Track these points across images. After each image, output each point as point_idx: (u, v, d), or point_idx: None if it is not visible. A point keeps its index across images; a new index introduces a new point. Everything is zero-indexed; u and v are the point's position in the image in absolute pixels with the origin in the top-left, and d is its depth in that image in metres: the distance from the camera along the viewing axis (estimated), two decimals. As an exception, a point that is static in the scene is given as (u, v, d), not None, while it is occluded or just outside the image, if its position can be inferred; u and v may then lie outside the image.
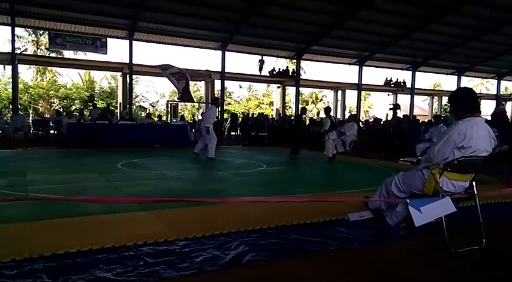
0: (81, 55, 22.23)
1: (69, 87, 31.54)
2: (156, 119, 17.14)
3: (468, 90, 3.25)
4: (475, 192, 3.14)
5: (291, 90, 24.98)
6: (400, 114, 19.53)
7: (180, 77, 18.14)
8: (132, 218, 3.62)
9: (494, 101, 26.02)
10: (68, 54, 21.53)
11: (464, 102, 3.07)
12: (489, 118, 12.90)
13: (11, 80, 18.43)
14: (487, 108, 21.87)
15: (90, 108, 20.55)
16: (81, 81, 31.92)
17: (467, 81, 27.74)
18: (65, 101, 30.81)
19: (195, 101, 24.13)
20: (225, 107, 24.78)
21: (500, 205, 4.52)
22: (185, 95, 18.24)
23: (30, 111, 28.63)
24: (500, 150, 8.58)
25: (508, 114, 15.27)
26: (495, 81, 28.66)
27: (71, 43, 17.16)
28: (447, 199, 2.83)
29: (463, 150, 2.93)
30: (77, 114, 16.12)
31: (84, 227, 3.35)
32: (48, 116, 23.37)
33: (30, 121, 18.28)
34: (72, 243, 2.78)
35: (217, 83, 21.93)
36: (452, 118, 4.25)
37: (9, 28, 16.28)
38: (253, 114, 23.55)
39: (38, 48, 29.25)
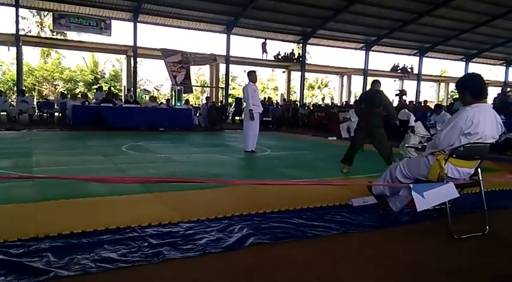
0: (85, 37, 22.09)
1: (73, 70, 31.49)
2: (163, 101, 17.21)
3: (476, 76, 3.19)
4: (480, 179, 3.13)
5: (296, 75, 24.82)
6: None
7: (180, 68, 18.13)
8: (137, 200, 3.66)
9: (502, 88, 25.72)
10: (72, 36, 21.46)
11: (472, 88, 3.02)
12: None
13: (15, 62, 18.38)
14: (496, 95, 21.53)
15: (94, 91, 20.58)
16: (85, 63, 31.81)
17: (474, 68, 27.40)
18: (69, 83, 30.81)
19: (193, 91, 23.98)
20: (230, 92, 24.68)
21: (504, 192, 4.50)
22: (186, 86, 18.25)
23: (35, 94, 28.67)
24: (507, 138, 8.53)
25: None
26: (504, 68, 28.27)
27: (75, 24, 17.09)
28: (450, 184, 2.82)
29: (469, 137, 2.90)
30: (81, 96, 16.13)
31: (89, 208, 3.38)
32: (53, 98, 23.40)
33: (35, 103, 18.32)
34: (78, 224, 2.81)
35: (222, 67, 21.81)
36: (459, 104, 4.20)
37: (14, 9, 16.18)
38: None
39: (42, 30, 29.10)
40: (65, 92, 22.24)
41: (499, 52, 25.02)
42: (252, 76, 7.82)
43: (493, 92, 25.09)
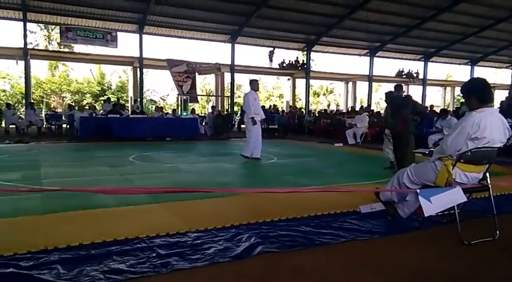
0: (91, 49, 22.36)
1: (81, 82, 31.85)
2: (170, 111, 17.42)
3: (481, 81, 3.19)
4: (489, 183, 3.10)
5: (301, 83, 24.87)
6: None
7: (186, 78, 18.35)
8: (145, 211, 3.67)
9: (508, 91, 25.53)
10: (79, 48, 21.77)
11: (477, 93, 3.02)
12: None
13: (23, 75, 18.65)
14: (503, 98, 21.37)
15: (102, 102, 20.84)
16: (92, 75, 32.17)
17: (480, 71, 27.23)
18: (77, 95, 31.15)
19: (199, 101, 24.20)
20: (235, 100, 24.77)
21: (514, 196, 4.45)
22: (192, 96, 18.49)
23: (43, 106, 29.00)
24: (515, 141, 8.44)
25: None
26: (509, 71, 28.07)
27: (81, 37, 17.32)
28: (457, 189, 2.80)
29: (476, 141, 2.89)
30: (89, 108, 16.32)
31: (98, 219, 3.40)
32: (61, 110, 23.66)
33: (43, 115, 18.52)
34: (86, 235, 2.82)
35: (227, 76, 21.92)
36: (465, 108, 4.20)
37: (22, 23, 16.45)
38: (263, 106, 23.38)
39: (49, 43, 29.51)
40: (73, 104, 22.48)
41: (504, 55, 24.89)
42: (254, 84, 7.93)
43: (500, 96, 24.99)
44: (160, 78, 36.33)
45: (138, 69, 19.48)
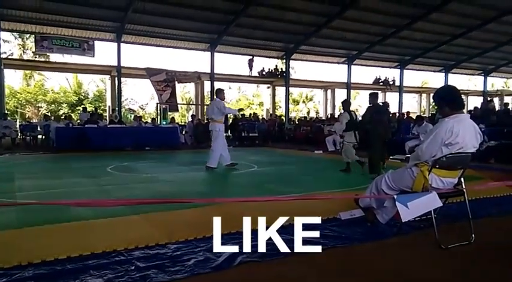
0: (68, 59, 21.94)
1: (57, 91, 31.19)
2: (149, 120, 17.19)
3: (451, 89, 3.31)
4: (464, 188, 3.18)
5: (280, 90, 25.04)
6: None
7: (166, 86, 18.27)
8: (123, 223, 3.60)
9: (482, 97, 26.37)
10: (55, 57, 21.27)
11: (449, 101, 3.12)
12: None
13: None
14: (477, 104, 22.00)
15: (79, 112, 20.40)
16: (68, 85, 31.55)
17: (454, 78, 28.02)
18: (53, 105, 30.47)
19: (179, 109, 24.15)
20: (215, 108, 24.67)
21: (488, 200, 4.57)
22: (172, 105, 18.40)
23: (17, 117, 28.24)
24: (488, 146, 8.72)
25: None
26: (482, 78, 29.01)
27: (57, 46, 16.97)
28: (433, 194, 2.85)
29: (450, 147, 2.97)
30: (65, 118, 15.95)
31: (74, 232, 3.31)
32: (36, 120, 23.08)
33: (18, 126, 18.00)
34: (62, 250, 2.74)
35: (207, 84, 21.87)
36: (439, 116, 4.31)
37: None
38: (243, 114, 23.36)
39: (24, 52, 28.85)
40: (48, 114, 21.94)
41: (476, 62, 25.69)
42: (221, 94, 8.01)
43: (473, 101, 25.78)
44: (139, 87, 36.03)
45: (116, 78, 19.22)
